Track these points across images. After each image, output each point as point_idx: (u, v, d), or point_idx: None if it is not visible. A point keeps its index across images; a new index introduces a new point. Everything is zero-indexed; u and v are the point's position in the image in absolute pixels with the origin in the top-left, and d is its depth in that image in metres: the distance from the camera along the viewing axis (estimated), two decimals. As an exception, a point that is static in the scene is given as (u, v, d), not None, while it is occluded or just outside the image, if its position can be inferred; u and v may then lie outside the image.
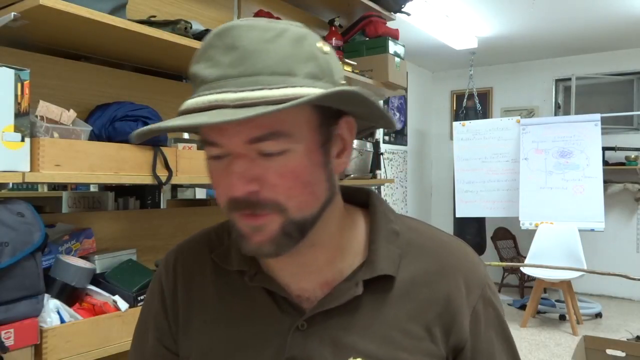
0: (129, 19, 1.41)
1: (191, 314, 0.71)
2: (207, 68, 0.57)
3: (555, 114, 5.63)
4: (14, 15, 1.22)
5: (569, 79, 5.33)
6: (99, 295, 1.41)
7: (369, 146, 2.58)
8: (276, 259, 0.66)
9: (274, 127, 0.56)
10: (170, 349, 0.73)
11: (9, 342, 1.14)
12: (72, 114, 1.34)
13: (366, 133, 0.77)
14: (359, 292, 0.64)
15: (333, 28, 2.47)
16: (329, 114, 0.61)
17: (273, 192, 0.58)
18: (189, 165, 1.57)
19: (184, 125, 0.54)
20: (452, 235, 0.74)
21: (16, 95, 1.17)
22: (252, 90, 0.54)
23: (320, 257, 0.66)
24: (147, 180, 1.46)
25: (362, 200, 0.73)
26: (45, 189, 2.16)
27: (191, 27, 1.58)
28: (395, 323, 0.65)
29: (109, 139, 1.44)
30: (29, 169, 1.20)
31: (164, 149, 1.50)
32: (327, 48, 0.61)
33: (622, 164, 5.10)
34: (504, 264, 4.71)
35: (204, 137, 0.60)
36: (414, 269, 0.67)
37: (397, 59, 2.49)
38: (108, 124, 1.46)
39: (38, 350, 1.21)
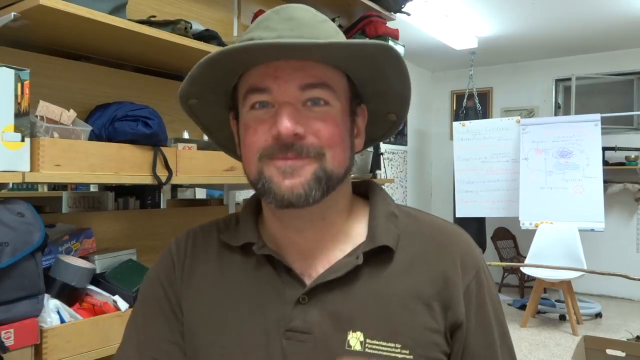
0: (129, 19, 1.41)
1: (191, 288, 0.73)
2: (265, 32, 0.64)
3: (555, 114, 5.62)
4: (14, 15, 1.22)
5: (569, 79, 5.33)
6: (99, 295, 1.41)
7: (369, 146, 2.57)
8: (288, 235, 0.69)
9: (324, 79, 0.64)
10: (165, 314, 0.72)
11: (9, 342, 1.14)
12: (72, 114, 1.34)
13: (375, 142, 0.84)
14: (359, 262, 0.66)
15: (333, 28, 2.46)
16: (356, 94, 0.70)
17: (316, 138, 0.63)
18: (189, 165, 1.56)
19: (257, 44, 0.59)
20: (450, 222, 0.77)
21: (16, 95, 1.17)
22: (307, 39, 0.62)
23: (328, 233, 0.69)
24: (147, 180, 1.46)
25: (364, 190, 0.77)
26: (45, 189, 2.16)
27: (191, 27, 1.58)
28: (394, 297, 0.66)
29: (109, 139, 1.44)
30: (29, 169, 1.20)
31: (164, 149, 1.50)
32: None
33: (622, 164, 5.10)
34: (504, 264, 4.71)
35: (252, 84, 0.65)
36: (412, 250, 0.69)
37: (397, 59, 2.48)
38: (108, 124, 1.46)
39: (38, 350, 1.21)
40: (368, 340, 0.64)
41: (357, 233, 0.71)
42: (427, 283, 0.67)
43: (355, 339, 0.64)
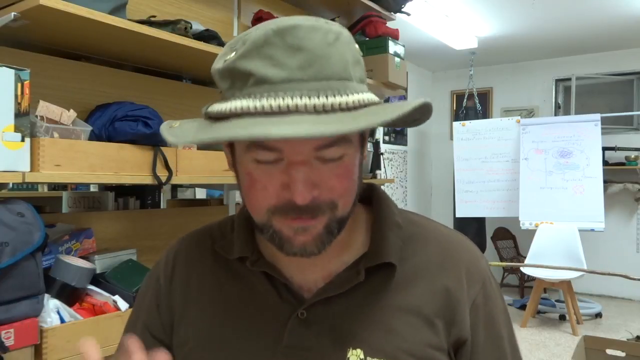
0: (129, 19, 1.42)
1: (189, 302, 0.71)
2: (269, 67, 0.54)
3: (555, 114, 5.62)
4: (14, 15, 1.22)
5: (569, 79, 5.33)
6: (99, 295, 1.41)
7: (369, 146, 2.57)
8: None
9: (342, 134, 0.55)
10: (156, 337, 0.73)
11: (9, 342, 1.14)
12: (72, 114, 1.34)
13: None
14: (360, 279, 0.64)
15: (333, 28, 2.46)
16: None
17: (330, 194, 0.58)
18: (189, 165, 1.57)
19: (266, 135, 0.48)
20: (454, 230, 0.74)
21: (16, 95, 1.17)
22: (327, 96, 0.53)
23: (331, 251, 0.65)
24: (147, 180, 1.46)
25: (367, 195, 0.73)
26: (45, 189, 2.16)
27: (191, 27, 1.58)
28: (396, 313, 0.64)
29: (109, 139, 1.45)
30: (29, 169, 1.20)
31: (164, 149, 1.50)
32: (358, 47, 0.61)
33: (622, 164, 5.10)
34: (504, 264, 4.72)
35: (259, 141, 0.56)
36: (415, 261, 0.67)
37: (397, 59, 2.49)
38: (108, 124, 1.46)
39: (38, 350, 1.22)
40: (368, 358, 0.62)
41: (359, 243, 0.68)
42: (429, 298, 0.65)
43: (355, 357, 0.62)
